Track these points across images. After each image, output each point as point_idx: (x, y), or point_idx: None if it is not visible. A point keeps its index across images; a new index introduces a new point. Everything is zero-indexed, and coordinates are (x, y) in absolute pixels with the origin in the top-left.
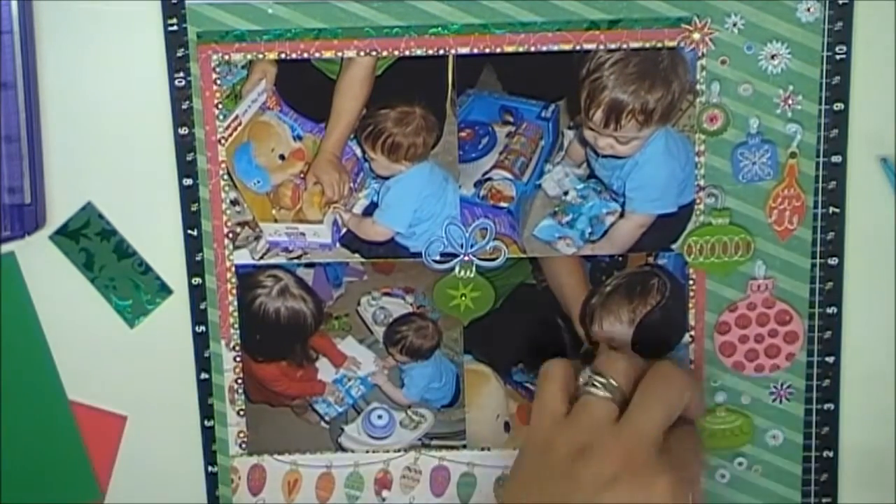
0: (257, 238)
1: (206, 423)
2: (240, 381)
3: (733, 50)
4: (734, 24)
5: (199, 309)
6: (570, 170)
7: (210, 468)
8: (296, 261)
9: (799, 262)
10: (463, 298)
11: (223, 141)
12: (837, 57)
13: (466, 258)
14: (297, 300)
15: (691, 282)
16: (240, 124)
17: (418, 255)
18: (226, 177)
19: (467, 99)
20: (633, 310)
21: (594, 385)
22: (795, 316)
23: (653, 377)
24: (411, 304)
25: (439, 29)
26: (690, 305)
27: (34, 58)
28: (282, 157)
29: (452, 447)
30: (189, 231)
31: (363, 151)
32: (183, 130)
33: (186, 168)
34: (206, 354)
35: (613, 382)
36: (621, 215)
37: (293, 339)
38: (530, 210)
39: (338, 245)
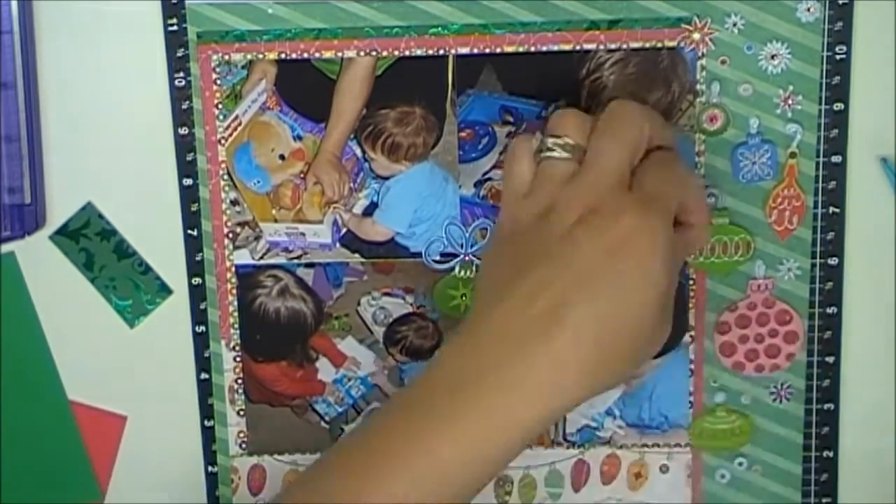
0: (257, 238)
1: (206, 423)
2: (240, 381)
3: (733, 50)
4: (734, 24)
5: (199, 309)
6: None
7: (210, 468)
8: (296, 261)
9: (799, 262)
10: (463, 298)
11: (223, 141)
12: (837, 57)
13: (467, 258)
14: (297, 300)
15: (691, 282)
16: (240, 124)
17: (418, 255)
18: (226, 177)
19: (467, 99)
20: None
21: (549, 149)
22: (795, 316)
23: (604, 118)
24: (411, 304)
25: (439, 29)
26: (690, 305)
27: (34, 58)
28: (282, 157)
29: None
30: (189, 231)
31: (363, 151)
32: (183, 130)
33: (186, 168)
34: (206, 354)
35: (569, 141)
36: None
37: (293, 339)
38: None
39: (338, 245)
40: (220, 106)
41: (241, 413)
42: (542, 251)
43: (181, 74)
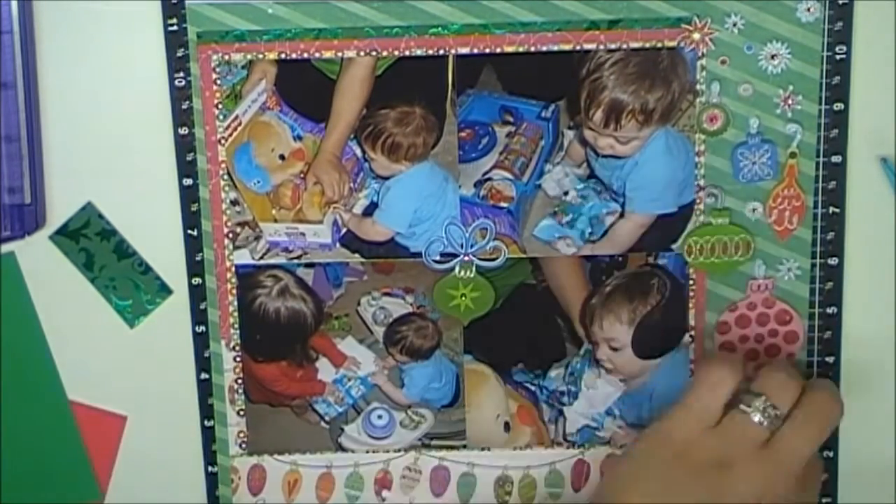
0: (257, 238)
1: (206, 423)
2: (240, 381)
3: (733, 50)
4: (734, 24)
5: (199, 309)
6: (570, 170)
7: (210, 468)
8: (296, 261)
9: (799, 262)
10: (463, 298)
11: (223, 141)
12: (837, 57)
13: (466, 258)
14: (297, 300)
15: (691, 282)
16: (240, 124)
17: (418, 255)
18: (226, 177)
19: (467, 99)
20: (633, 310)
21: (753, 408)
22: (795, 316)
23: (812, 404)
24: (411, 304)
25: (439, 29)
26: (690, 305)
27: (34, 58)
28: (282, 157)
29: (452, 447)
30: (189, 231)
31: (363, 151)
32: (183, 130)
33: (186, 168)
34: (206, 354)
35: (774, 410)
36: (621, 215)
37: (293, 339)
38: (530, 210)
39: (338, 245)
40: (220, 106)
41: (241, 413)
42: None
43: (181, 74)
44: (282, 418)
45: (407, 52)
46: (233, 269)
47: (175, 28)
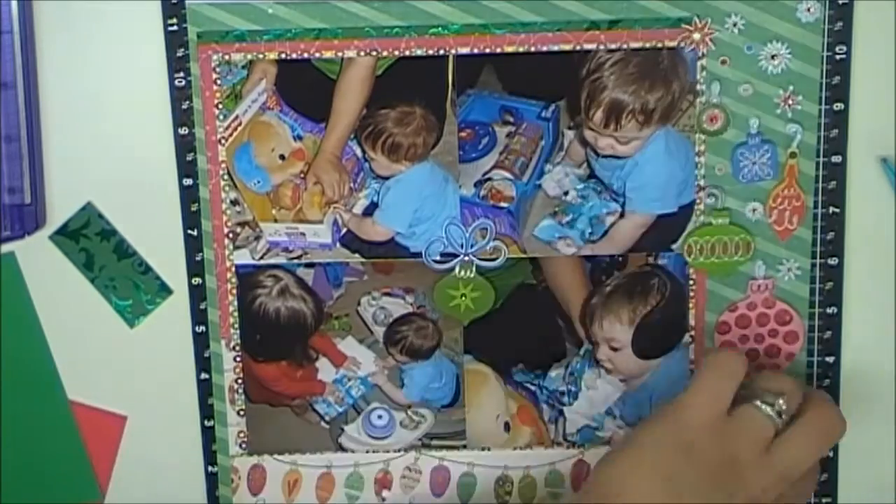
0: (257, 238)
1: (206, 423)
2: (240, 381)
3: (733, 50)
4: (734, 25)
5: (199, 309)
6: (570, 170)
7: (210, 468)
8: (296, 261)
9: (799, 262)
10: (463, 298)
11: (223, 141)
12: (837, 57)
13: (466, 258)
14: (297, 300)
15: (691, 282)
16: (240, 124)
17: (418, 255)
18: (226, 177)
19: (467, 99)
20: (633, 310)
21: (766, 402)
22: (795, 316)
23: (816, 415)
24: (411, 304)
25: (439, 29)
26: (690, 305)
27: (34, 58)
28: (282, 157)
29: (452, 447)
30: (189, 231)
31: (363, 151)
32: (183, 130)
33: (186, 168)
34: (206, 354)
35: (783, 406)
36: (621, 215)
37: (293, 339)
38: (530, 210)
39: (338, 245)
40: (220, 106)
41: (241, 413)
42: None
43: (181, 74)
44: (282, 418)
45: (407, 52)
46: (233, 269)
47: (175, 28)
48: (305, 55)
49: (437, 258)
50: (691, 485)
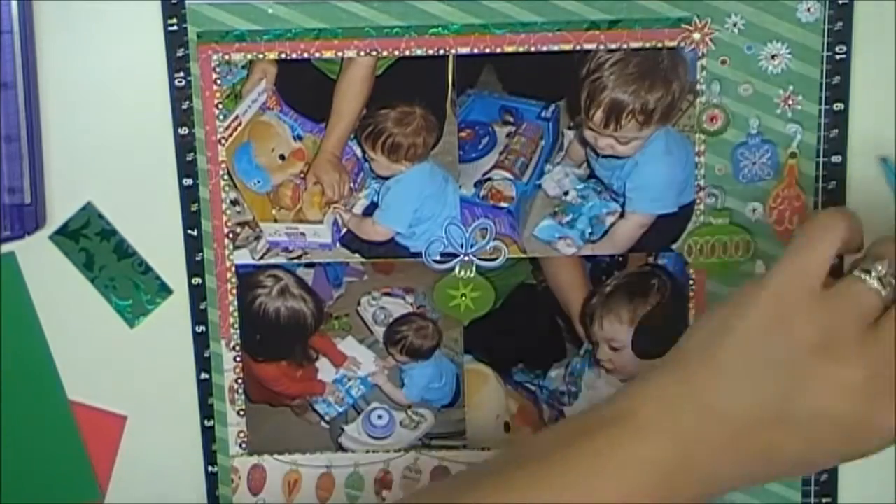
0: (257, 238)
1: (206, 423)
2: (240, 381)
3: (733, 50)
4: (734, 24)
5: (199, 309)
6: (570, 170)
7: (210, 468)
8: (296, 261)
9: None
10: (463, 298)
11: (223, 141)
12: (837, 57)
13: (466, 258)
14: (297, 300)
15: (691, 282)
16: (240, 124)
17: (418, 255)
18: (226, 177)
19: (467, 99)
20: (633, 310)
21: (865, 270)
22: None
23: None
24: (411, 304)
25: (439, 29)
26: (690, 305)
27: (34, 58)
28: (282, 157)
29: (452, 447)
30: (189, 231)
31: (363, 151)
32: (183, 130)
33: (186, 168)
34: (206, 354)
35: (882, 271)
36: (621, 215)
37: (293, 339)
38: (530, 210)
39: (338, 245)
40: (220, 106)
41: (241, 413)
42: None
43: (181, 74)
44: (282, 418)
45: (407, 52)
46: (233, 269)
47: (175, 28)
48: (305, 55)
49: (437, 258)
50: (778, 373)
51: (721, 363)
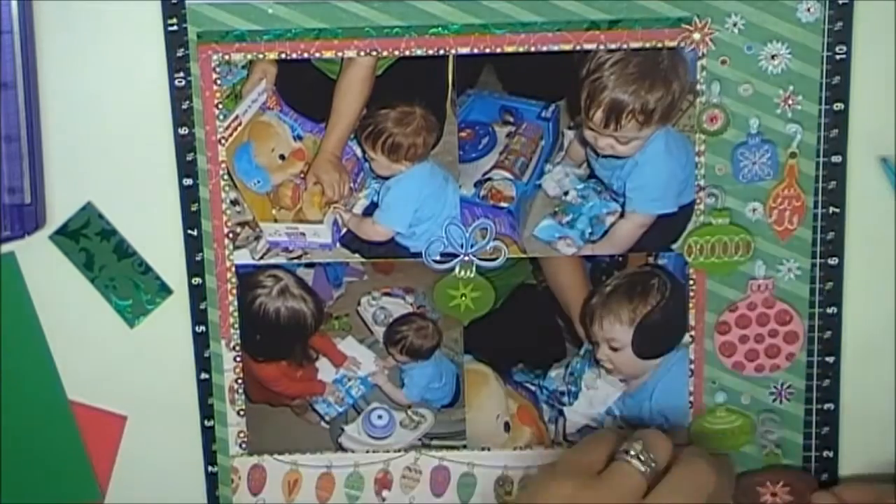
0: (257, 238)
1: (206, 423)
2: (240, 381)
3: (733, 50)
4: (734, 25)
5: (199, 309)
6: (570, 170)
7: (210, 468)
8: (296, 261)
9: (799, 262)
10: (463, 298)
11: (223, 141)
12: (837, 57)
13: (466, 258)
14: (297, 300)
15: (691, 282)
16: (240, 124)
17: (418, 255)
18: (226, 177)
19: (467, 99)
20: (633, 310)
21: (632, 454)
22: (795, 316)
23: (685, 468)
24: (411, 304)
25: (439, 29)
26: (690, 305)
27: (34, 58)
28: (282, 157)
29: (452, 447)
30: (189, 231)
31: (363, 151)
32: (183, 130)
33: (186, 168)
34: (206, 354)
35: (652, 458)
36: (621, 215)
37: (293, 339)
38: (530, 210)
39: (338, 245)
40: (220, 106)
41: (241, 413)
42: None
43: (181, 74)
44: (282, 418)
45: (407, 52)
46: (233, 269)
47: (175, 28)
48: (305, 55)
49: (437, 258)
50: None
51: None
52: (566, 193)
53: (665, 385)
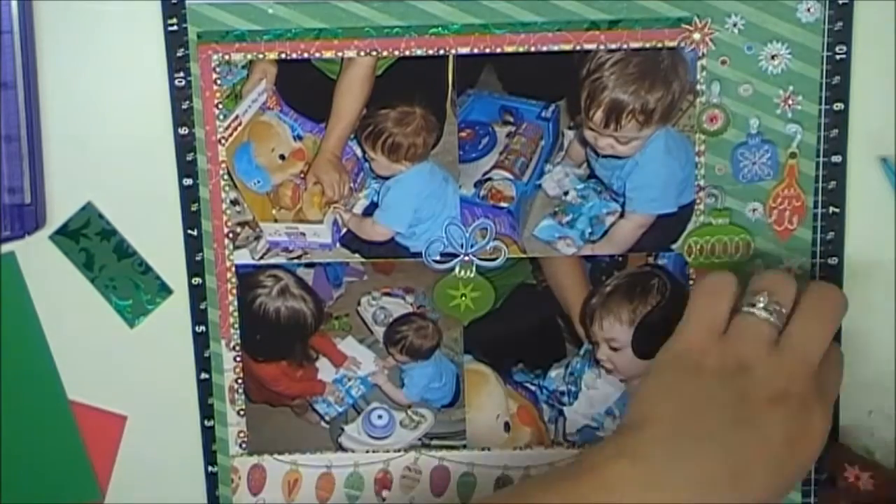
0: (257, 238)
1: (206, 423)
2: (240, 381)
3: (733, 50)
4: (734, 25)
5: (199, 309)
6: (570, 170)
7: (210, 468)
8: (296, 261)
9: (799, 262)
10: (463, 298)
11: (223, 141)
12: (837, 57)
13: (466, 258)
14: (297, 300)
15: (691, 282)
16: (240, 124)
17: (418, 255)
18: (226, 177)
19: (467, 99)
20: (633, 310)
21: (751, 304)
22: None
23: (814, 297)
24: (411, 304)
25: (439, 29)
26: None
27: (34, 58)
28: (282, 157)
29: (452, 447)
30: (189, 231)
31: (363, 151)
32: (183, 130)
33: (186, 168)
34: (206, 354)
35: (777, 304)
36: (621, 215)
37: (293, 339)
38: (530, 210)
39: (338, 245)
40: (220, 106)
41: (241, 413)
42: (733, 415)
43: (181, 74)
44: (282, 418)
45: (407, 52)
46: (233, 268)
47: (175, 28)
48: (305, 55)
49: (437, 258)
50: (711, 400)
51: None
52: (566, 193)
53: None
